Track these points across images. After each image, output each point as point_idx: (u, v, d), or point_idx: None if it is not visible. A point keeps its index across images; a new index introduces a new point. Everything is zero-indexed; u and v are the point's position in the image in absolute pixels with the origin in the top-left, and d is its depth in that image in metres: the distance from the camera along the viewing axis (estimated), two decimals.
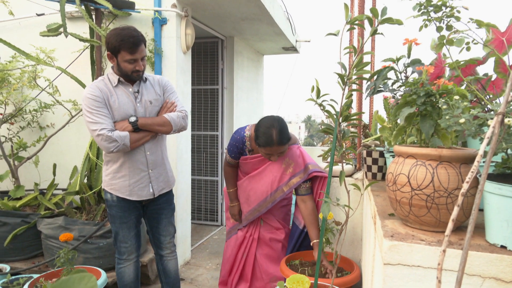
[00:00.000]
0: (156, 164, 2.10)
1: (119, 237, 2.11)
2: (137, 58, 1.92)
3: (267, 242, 2.34)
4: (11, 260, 2.75)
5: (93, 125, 1.87)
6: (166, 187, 2.19)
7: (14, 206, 2.93)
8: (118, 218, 2.08)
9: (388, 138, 1.69)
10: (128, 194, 2.04)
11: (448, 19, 1.22)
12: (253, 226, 2.37)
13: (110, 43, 1.90)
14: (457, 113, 0.86)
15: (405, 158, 1.06)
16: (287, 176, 2.18)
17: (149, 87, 2.08)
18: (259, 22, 3.79)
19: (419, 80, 1.05)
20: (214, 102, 4.44)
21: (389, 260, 0.94)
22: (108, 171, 2.06)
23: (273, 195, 2.22)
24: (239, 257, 2.38)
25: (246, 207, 2.35)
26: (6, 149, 3.20)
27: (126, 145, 1.92)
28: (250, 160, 2.25)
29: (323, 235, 1.84)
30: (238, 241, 2.38)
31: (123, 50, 1.89)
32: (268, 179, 2.20)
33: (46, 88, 3.19)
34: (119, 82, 2.00)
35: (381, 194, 1.61)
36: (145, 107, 2.03)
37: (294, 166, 2.19)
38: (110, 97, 1.96)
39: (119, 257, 2.15)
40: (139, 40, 1.91)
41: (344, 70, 1.62)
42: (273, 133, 1.98)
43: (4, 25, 3.45)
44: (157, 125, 2.00)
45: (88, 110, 1.89)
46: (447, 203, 0.97)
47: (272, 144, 1.99)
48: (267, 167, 2.22)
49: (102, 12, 3.02)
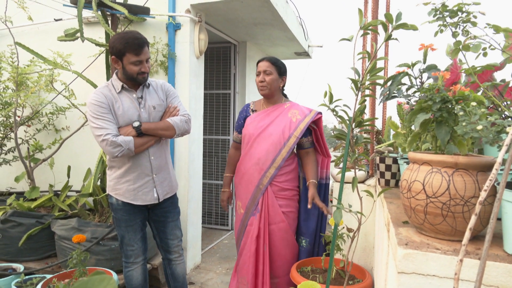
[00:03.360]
0: (161, 168, 2.12)
1: (125, 241, 2.12)
2: (142, 60, 1.95)
3: (281, 220, 2.25)
4: (25, 260, 2.80)
5: (98, 130, 1.89)
6: (170, 191, 2.20)
7: (29, 207, 2.98)
8: (123, 221, 2.09)
9: (402, 145, 1.67)
10: (132, 199, 2.05)
11: (464, 24, 1.20)
12: (264, 211, 2.24)
13: (115, 47, 1.92)
14: (474, 120, 0.84)
15: (420, 165, 1.04)
16: (295, 124, 2.25)
17: (152, 93, 2.10)
18: (271, 27, 3.80)
19: (434, 86, 1.03)
20: (226, 106, 4.46)
21: (404, 268, 0.93)
22: (112, 176, 2.08)
23: (286, 144, 2.23)
24: (260, 252, 2.23)
25: (256, 173, 2.25)
26: (22, 151, 3.27)
27: (131, 149, 1.93)
28: (255, 116, 2.34)
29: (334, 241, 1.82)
30: (254, 235, 2.23)
31: (128, 53, 1.91)
32: (279, 129, 2.24)
33: (62, 91, 3.25)
34: (123, 88, 2.03)
35: (394, 201, 1.59)
36: (149, 112, 2.06)
37: (299, 113, 2.27)
38: (115, 103, 1.98)
39: (126, 260, 2.15)
40: (143, 41, 1.95)
41: (358, 75, 1.61)
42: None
43: (23, 30, 3.54)
44: (160, 130, 2.03)
45: (93, 116, 1.91)
46: (463, 212, 0.95)
47: (262, 60, 2.28)
48: (274, 120, 2.28)
49: (118, 17, 3.08)
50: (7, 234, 2.77)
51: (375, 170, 2.55)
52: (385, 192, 1.73)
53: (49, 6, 3.37)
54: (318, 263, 2.18)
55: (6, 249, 2.79)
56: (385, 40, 1.33)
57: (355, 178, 1.71)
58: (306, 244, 2.32)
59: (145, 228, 2.20)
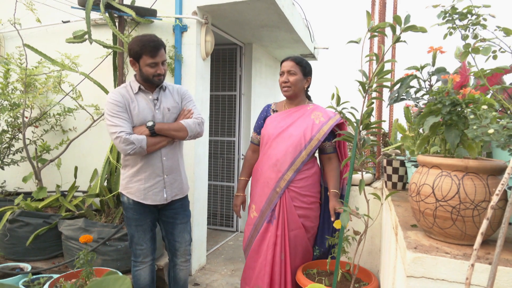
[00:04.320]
0: (172, 170, 2.14)
1: (135, 240, 2.15)
2: (158, 62, 2.01)
3: (298, 227, 2.18)
4: (32, 260, 2.82)
5: (112, 128, 1.96)
6: (180, 193, 2.21)
7: (37, 207, 3.01)
8: (133, 220, 2.13)
9: (410, 147, 1.66)
10: (142, 198, 2.09)
11: (474, 27, 1.20)
12: (281, 217, 2.16)
13: (132, 50, 2.01)
14: (486, 123, 0.84)
15: (430, 168, 1.04)
16: (318, 126, 2.16)
17: (168, 95, 2.16)
18: (278, 29, 3.80)
19: (444, 89, 1.03)
20: (232, 108, 4.47)
21: (413, 272, 0.92)
22: (125, 175, 2.12)
23: (307, 146, 2.14)
24: (277, 261, 2.14)
25: (273, 175, 2.17)
26: (30, 152, 3.29)
27: (143, 148, 1.97)
28: (276, 116, 2.27)
29: (341, 245, 1.81)
30: (271, 242, 2.14)
31: (144, 55, 1.99)
32: (300, 130, 2.15)
33: (70, 92, 3.28)
34: (140, 90, 2.09)
35: (402, 204, 1.58)
36: (163, 114, 2.11)
37: (323, 115, 2.19)
38: (131, 103, 2.05)
39: (134, 259, 2.19)
40: (160, 44, 2.02)
41: (365, 77, 1.60)
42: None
43: (31, 32, 3.58)
44: (173, 130, 2.06)
45: (109, 114, 1.98)
46: (473, 216, 0.94)
47: (287, 59, 2.22)
48: (296, 121, 2.20)
49: (125, 19, 3.10)
50: (14, 233, 2.80)
51: (382, 172, 2.54)
52: (392, 195, 1.73)
53: (57, 8, 3.40)
54: (324, 265, 2.17)
55: (14, 248, 2.81)
56: (393, 42, 1.33)
57: (362, 180, 1.71)
58: (319, 253, 2.27)
59: (155, 229, 2.23)
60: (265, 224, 2.19)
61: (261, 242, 2.19)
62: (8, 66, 3.16)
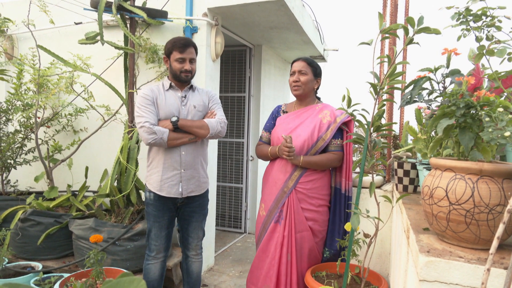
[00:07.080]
0: (190, 165, 2.21)
1: (151, 235, 2.25)
2: (186, 58, 2.15)
3: (305, 229, 2.18)
4: (43, 259, 2.85)
5: (139, 118, 2.09)
6: (196, 190, 2.27)
7: (48, 207, 3.04)
8: (152, 216, 2.23)
9: (422, 150, 1.64)
10: (158, 189, 2.18)
11: (488, 28, 1.18)
12: (289, 218, 2.16)
13: (166, 47, 2.20)
14: (501, 126, 0.82)
15: (443, 171, 1.02)
16: (325, 125, 2.19)
17: (196, 95, 2.29)
18: (287, 31, 3.80)
19: (458, 91, 1.02)
20: (241, 109, 4.48)
21: (425, 276, 0.91)
22: (148, 168, 2.25)
23: (314, 147, 2.18)
24: (283, 261, 2.15)
25: (281, 175, 2.21)
26: (42, 151, 3.34)
27: (164, 140, 2.07)
28: (285, 118, 2.31)
29: (351, 247, 1.80)
30: (279, 242, 2.16)
31: (174, 50, 2.15)
32: (308, 130, 2.19)
33: (82, 93, 3.31)
34: (170, 87, 2.24)
35: (413, 207, 1.57)
36: (188, 110, 2.21)
37: (330, 115, 2.22)
38: (159, 97, 2.19)
39: (148, 253, 2.28)
40: (189, 42, 2.18)
41: (377, 79, 1.59)
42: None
43: (45, 33, 3.63)
44: (195, 127, 2.16)
45: (138, 106, 2.13)
46: (487, 220, 0.93)
47: (298, 60, 2.25)
48: (304, 122, 2.23)
49: (137, 21, 3.13)
50: (26, 232, 2.83)
51: (392, 175, 2.51)
52: (403, 198, 1.71)
53: (70, 10, 3.45)
54: (333, 268, 2.16)
55: (25, 247, 2.85)
56: (406, 44, 1.32)
57: (372, 183, 1.70)
58: (329, 255, 2.26)
59: (172, 227, 2.32)
60: (273, 224, 2.21)
61: (268, 241, 2.22)
62: (22, 66, 3.21)
